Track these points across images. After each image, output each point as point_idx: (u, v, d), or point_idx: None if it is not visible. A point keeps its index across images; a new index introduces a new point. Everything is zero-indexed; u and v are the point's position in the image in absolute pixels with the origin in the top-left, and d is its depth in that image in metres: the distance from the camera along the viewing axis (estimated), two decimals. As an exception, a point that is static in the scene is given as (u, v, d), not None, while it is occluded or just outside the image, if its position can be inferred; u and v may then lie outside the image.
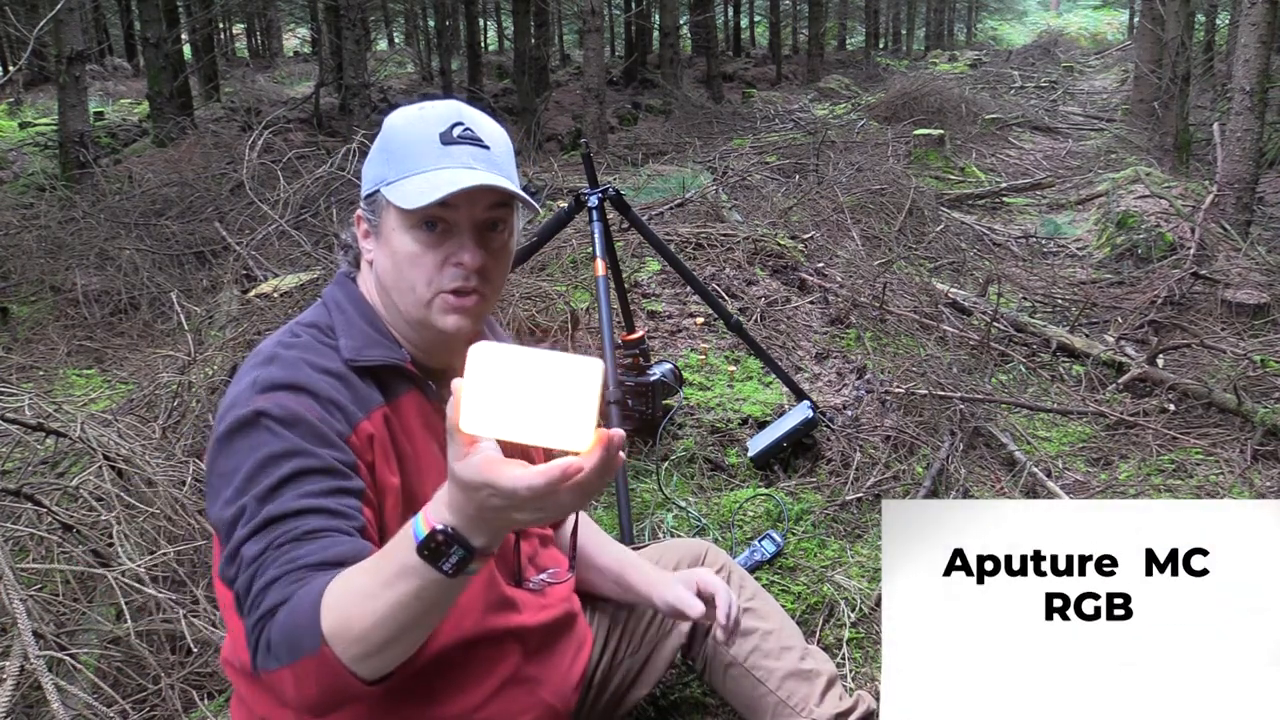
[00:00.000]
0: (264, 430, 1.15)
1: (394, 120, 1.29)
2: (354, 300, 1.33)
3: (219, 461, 1.17)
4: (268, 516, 1.10)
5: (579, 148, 2.88)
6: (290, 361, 1.22)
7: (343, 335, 1.28)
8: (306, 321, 1.31)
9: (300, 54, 27.26)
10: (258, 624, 1.05)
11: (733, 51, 24.73)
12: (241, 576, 1.09)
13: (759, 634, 1.69)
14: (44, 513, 2.16)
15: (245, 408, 1.17)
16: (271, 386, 1.19)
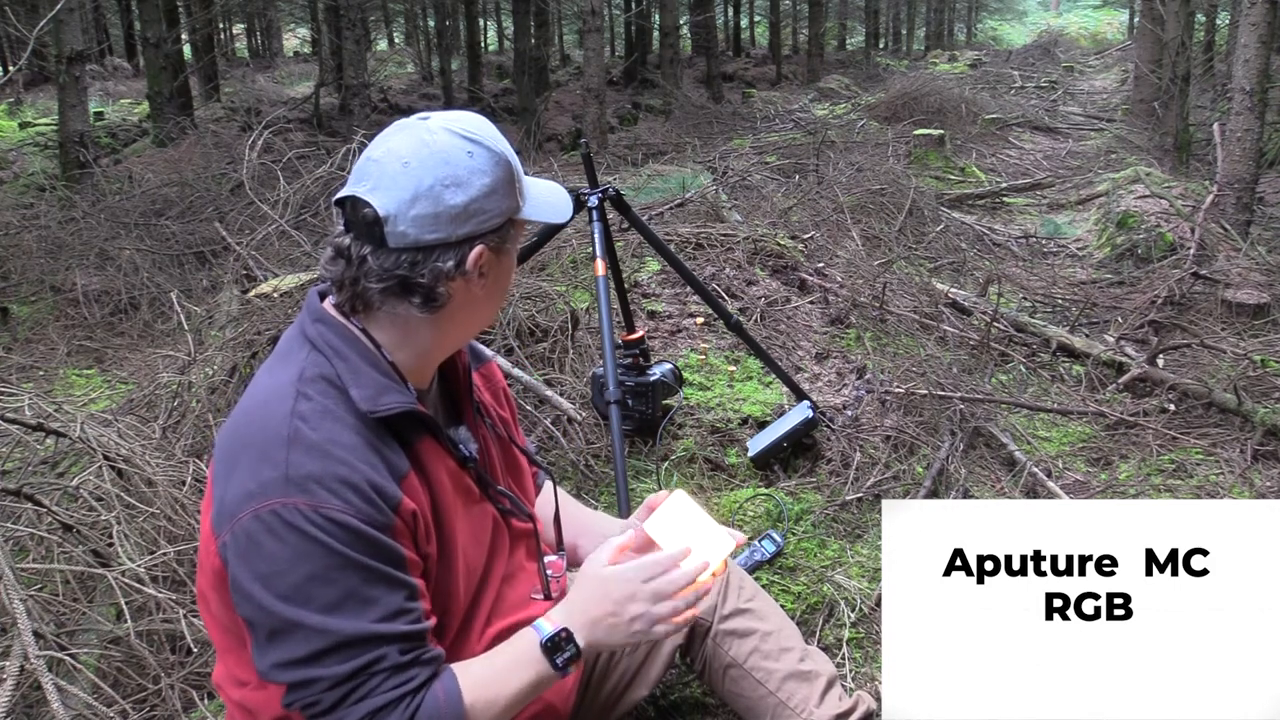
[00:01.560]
0: (311, 539, 1.13)
1: (496, 142, 1.26)
2: (350, 341, 1.25)
3: (256, 549, 1.14)
4: (340, 640, 1.14)
5: (579, 148, 2.88)
6: (318, 444, 1.16)
7: (352, 385, 1.21)
8: (309, 376, 1.22)
9: (300, 54, 27.26)
10: None
11: (733, 51, 24.73)
12: (322, 692, 1.15)
13: (758, 635, 1.68)
14: (44, 513, 2.16)
15: (286, 505, 1.13)
16: (312, 481, 1.14)
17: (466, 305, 1.27)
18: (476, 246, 1.23)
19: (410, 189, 1.19)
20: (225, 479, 1.19)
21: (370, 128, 8.67)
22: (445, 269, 1.21)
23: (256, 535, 1.13)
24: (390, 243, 1.20)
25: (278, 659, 1.15)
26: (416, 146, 1.21)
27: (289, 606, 1.13)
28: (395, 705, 1.16)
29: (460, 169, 1.21)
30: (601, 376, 2.70)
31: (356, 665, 1.15)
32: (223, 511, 1.17)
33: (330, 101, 12.65)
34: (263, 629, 1.15)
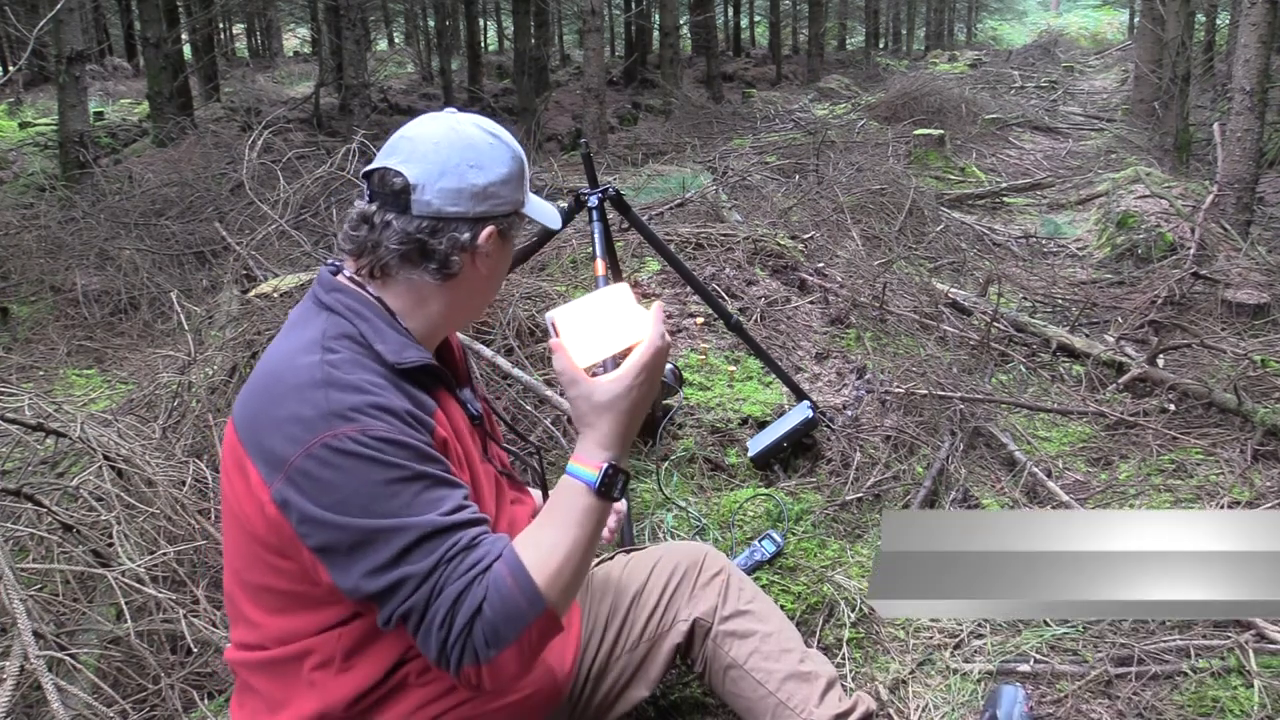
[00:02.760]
0: (369, 460, 1.19)
1: (512, 140, 1.39)
2: (369, 305, 1.34)
3: (318, 483, 1.19)
4: (423, 532, 1.19)
5: (579, 148, 2.88)
6: (353, 382, 1.23)
7: (377, 341, 1.29)
8: (332, 335, 1.29)
9: (300, 54, 27.26)
10: (465, 628, 1.17)
11: (733, 51, 24.73)
12: (414, 593, 1.18)
13: (759, 636, 1.69)
14: (44, 513, 2.16)
15: (336, 435, 1.19)
16: (355, 411, 1.21)
17: (471, 282, 1.38)
18: (489, 226, 1.35)
19: (439, 164, 1.32)
20: (263, 435, 1.23)
21: (370, 128, 8.67)
22: (461, 239, 1.33)
23: (314, 471, 1.19)
24: (414, 210, 1.31)
25: (365, 568, 1.19)
26: (446, 131, 1.35)
27: (365, 519, 1.18)
28: (469, 590, 1.18)
29: (483, 155, 1.35)
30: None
31: (437, 557, 1.19)
32: (271, 461, 1.22)
33: (330, 101, 12.65)
34: (342, 547, 1.19)
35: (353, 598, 1.21)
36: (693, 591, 1.72)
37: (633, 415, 1.30)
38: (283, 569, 1.28)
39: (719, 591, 1.72)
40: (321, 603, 1.28)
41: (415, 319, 1.36)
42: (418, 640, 1.20)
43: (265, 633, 1.34)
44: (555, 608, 1.22)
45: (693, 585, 1.73)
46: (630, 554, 1.84)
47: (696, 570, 1.75)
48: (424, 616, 1.18)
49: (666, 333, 1.33)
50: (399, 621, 1.20)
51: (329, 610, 1.29)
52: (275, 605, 1.32)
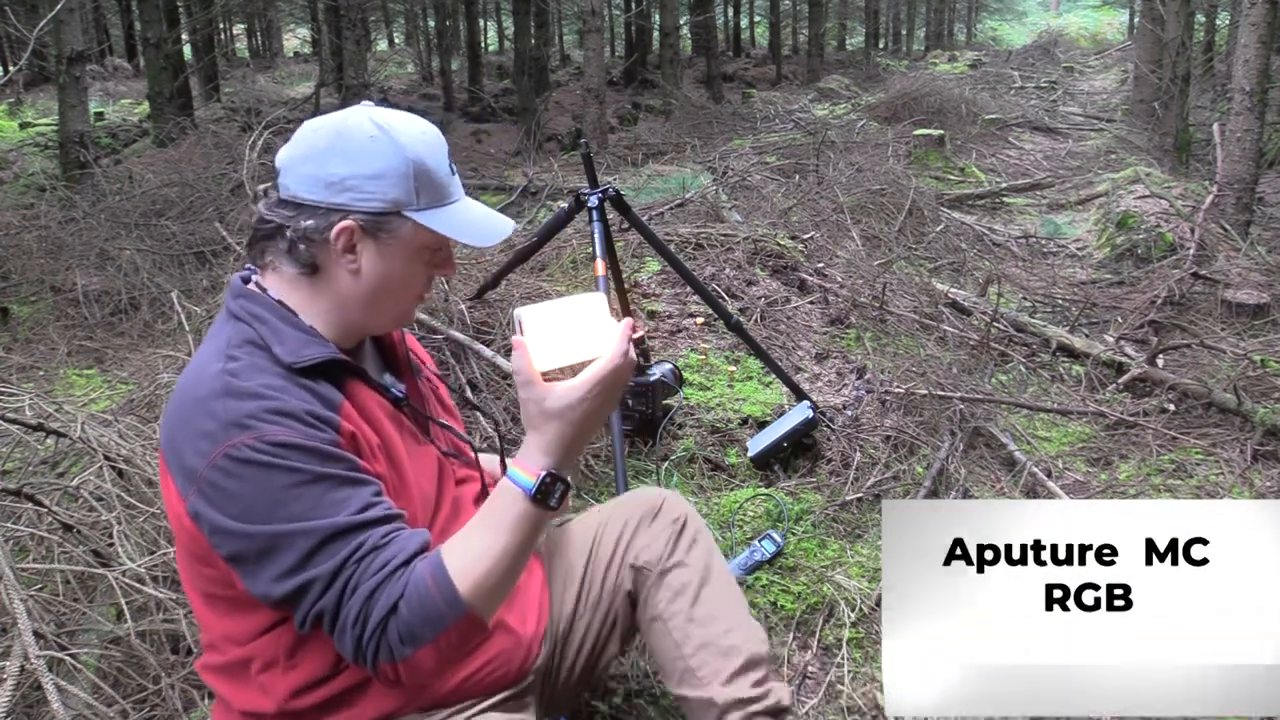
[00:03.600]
0: (267, 466, 1.17)
1: (412, 142, 1.30)
2: (268, 307, 1.31)
3: (222, 493, 1.18)
4: (326, 533, 1.17)
5: (579, 148, 2.88)
6: (249, 389, 1.21)
7: (275, 343, 1.27)
8: (234, 343, 1.27)
9: (300, 54, 27.26)
10: (379, 625, 1.16)
11: (733, 51, 24.73)
12: (322, 595, 1.17)
13: (690, 594, 1.62)
14: (44, 513, 2.16)
15: (235, 445, 1.17)
16: (251, 418, 1.19)
17: (340, 280, 1.31)
18: (343, 221, 1.28)
19: (305, 149, 1.29)
20: (177, 449, 1.22)
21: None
22: (306, 227, 1.28)
23: (219, 481, 1.18)
24: (280, 194, 1.31)
25: (272, 573, 1.18)
26: (333, 120, 1.31)
27: (268, 525, 1.17)
28: (383, 587, 1.17)
29: (353, 145, 1.28)
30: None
31: (343, 557, 1.17)
32: (183, 475, 1.21)
33: (330, 101, 12.64)
34: (250, 555, 1.18)
35: (266, 603, 1.21)
36: (641, 536, 1.68)
37: (581, 427, 1.24)
38: (212, 576, 1.28)
39: (669, 539, 1.67)
40: (255, 606, 1.27)
41: (314, 317, 1.33)
42: (335, 641, 1.19)
43: (215, 636, 1.35)
44: (477, 612, 1.19)
45: (644, 530, 1.68)
46: (595, 509, 1.82)
47: (652, 516, 1.70)
48: (337, 616, 1.18)
49: (632, 350, 1.26)
50: (314, 623, 1.19)
51: (265, 612, 1.28)
52: (218, 610, 1.32)
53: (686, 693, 1.58)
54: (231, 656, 1.33)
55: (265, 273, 1.34)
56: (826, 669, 2.21)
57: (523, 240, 3.54)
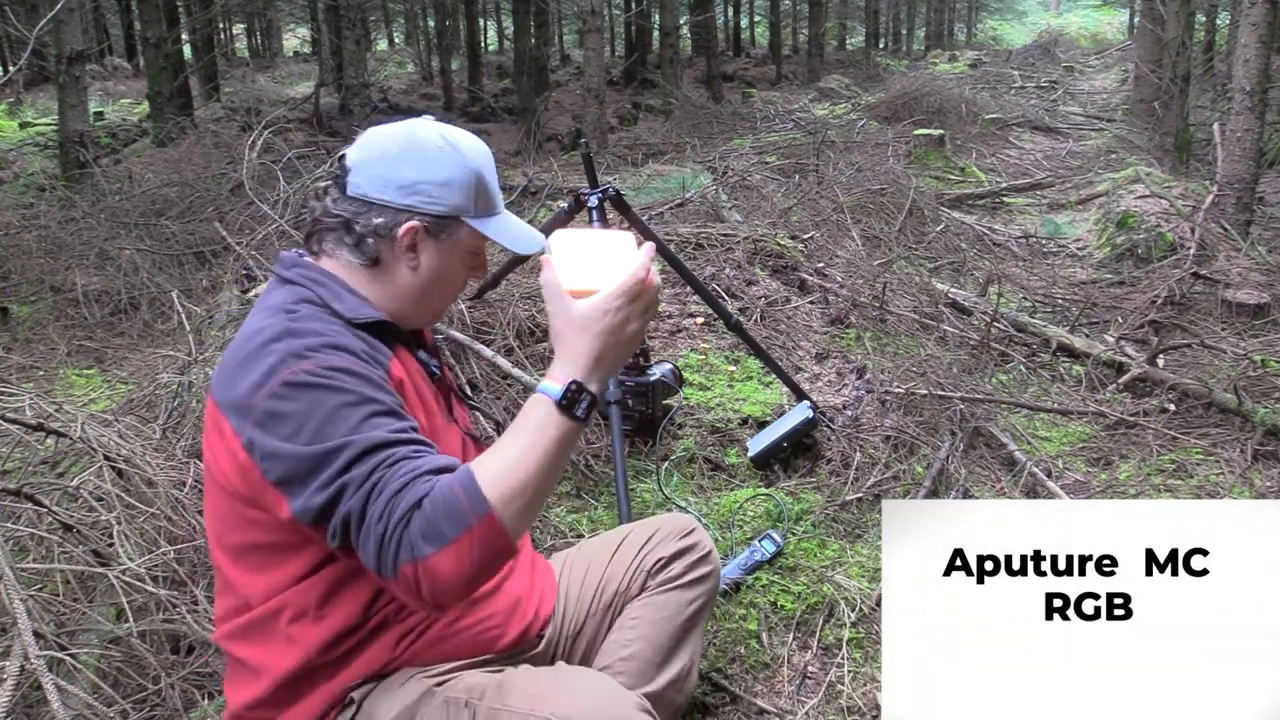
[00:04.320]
0: (322, 388, 1.24)
1: (474, 155, 1.44)
2: (328, 276, 1.41)
3: (278, 418, 1.24)
4: (365, 446, 1.22)
5: (579, 148, 2.88)
6: (310, 329, 1.31)
7: (333, 301, 1.37)
8: (292, 302, 1.37)
9: (300, 54, 27.26)
10: (402, 520, 1.17)
11: (733, 51, 24.73)
12: (352, 496, 1.19)
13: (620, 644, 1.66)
14: (44, 513, 2.16)
15: (294, 371, 1.25)
16: (310, 350, 1.27)
17: (399, 275, 1.43)
18: (410, 221, 1.39)
19: (378, 151, 1.41)
20: (233, 391, 1.28)
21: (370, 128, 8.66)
22: (375, 224, 1.39)
23: (274, 407, 1.24)
24: (348, 190, 1.40)
25: (314, 486, 1.22)
26: (403, 129, 1.43)
27: (316, 443, 1.22)
28: (409, 486, 1.19)
29: (424, 153, 1.40)
30: (601, 376, 2.70)
31: (375, 462, 1.21)
32: (238, 411, 1.27)
33: (330, 101, 12.64)
34: (299, 474, 1.22)
35: (304, 520, 1.23)
36: (658, 549, 1.73)
37: (607, 340, 1.25)
38: (256, 520, 1.32)
39: (681, 559, 1.73)
40: (292, 551, 1.33)
41: (368, 291, 1.43)
42: (359, 546, 1.20)
43: (244, 593, 1.39)
44: (499, 517, 1.17)
45: (666, 543, 1.74)
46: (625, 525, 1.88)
47: (675, 539, 1.75)
48: (364, 516, 1.19)
49: (655, 273, 1.29)
50: (342, 531, 1.21)
51: (300, 559, 1.34)
52: (252, 563, 1.37)
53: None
54: (261, 611, 1.37)
55: (320, 258, 1.44)
56: (826, 669, 2.21)
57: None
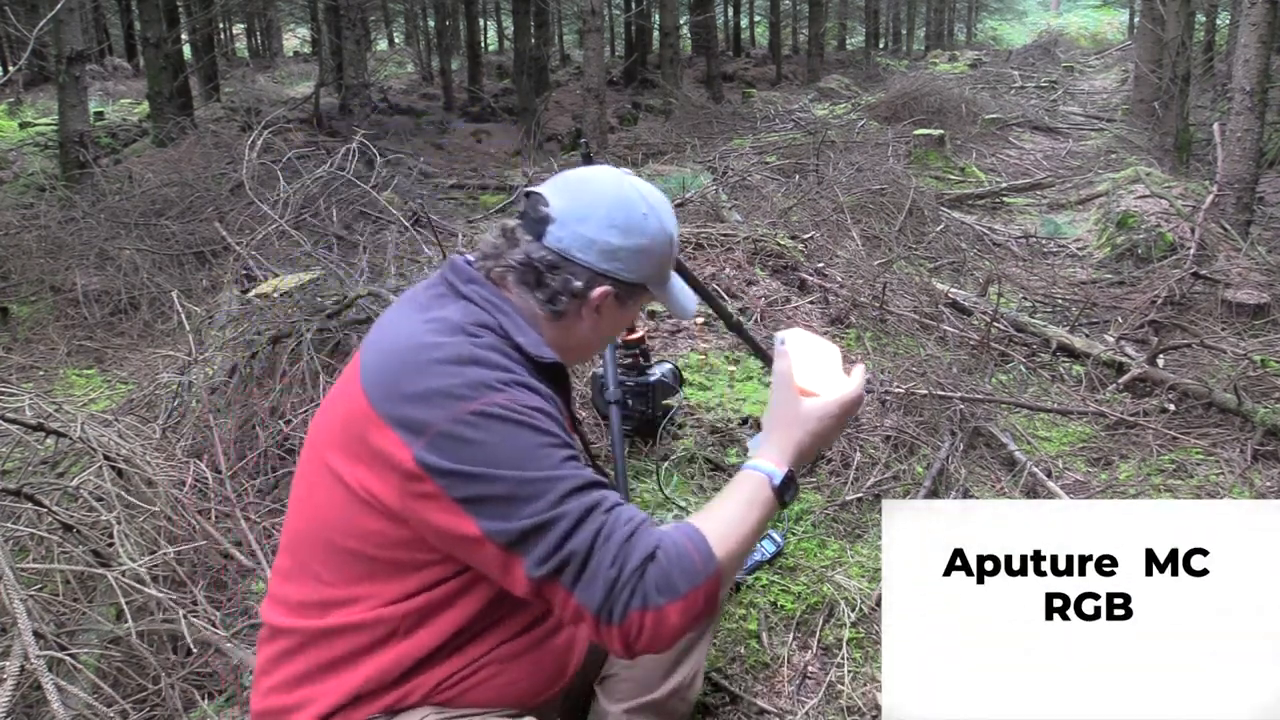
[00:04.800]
0: (520, 424, 1.24)
1: (669, 221, 1.46)
2: (507, 303, 1.39)
3: (464, 443, 1.22)
4: (578, 484, 1.23)
5: (579, 148, 2.88)
6: (498, 362, 1.29)
7: (517, 334, 1.35)
8: (473, 323, 1.34)
9: (300, 54, 27.26)
10: (637, 570, 1.20)
11: (733, 51, 24.72)
12: (573, 533, 1.20)
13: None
14: (44, 513, 2.16)
15: (487, 403, 1.23)
16: (503, 384, 1.26)
17: (576, 329, 1.43)
18: (605, 285, 1.40)
19: (584, 210, 1.38)
20: (404, 404, 1.25)
21: (370, 128, 8.66)
22: (574, 286, 1.38)
23: (460, 432, 1.22)
24: (546, 240, 1.38)
25: (519, 512, 1.21)
26: (609, 184, 1.42)
27: (517, 471, 1.22)
28: (637, 536, 1.21)
29: (629, 219, 1.40)
30: (601, 377, 2.70)
31: (590, 503, 1.23)
32: (410, 427, 1.24)
33: (330, 101, 12.65)
34: (493, 497, 1.22)
35: (498, 540, 1.22)
36: None
37: (818, 440, 1.38)
38: (388, 535, 1.29)
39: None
40: (406, 570, 1.31)
41: (536, 328, 1.43)
42: (576, 585, 1.20)
43: (333, 596, 1.35)
44: (724, 574, 1.24)
45: None
46: None
47: None
48: (588, 558, 1.20)
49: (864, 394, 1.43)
50: (557, 565, 1.20)
51: (409, 579, 1.32)
52: (357, 571, 1.33)
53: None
54: (342, 619, 1.33)
55: (502, 288, 1.40)
56: (826, 669, 2.21)
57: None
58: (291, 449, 2.82)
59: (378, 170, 6.05)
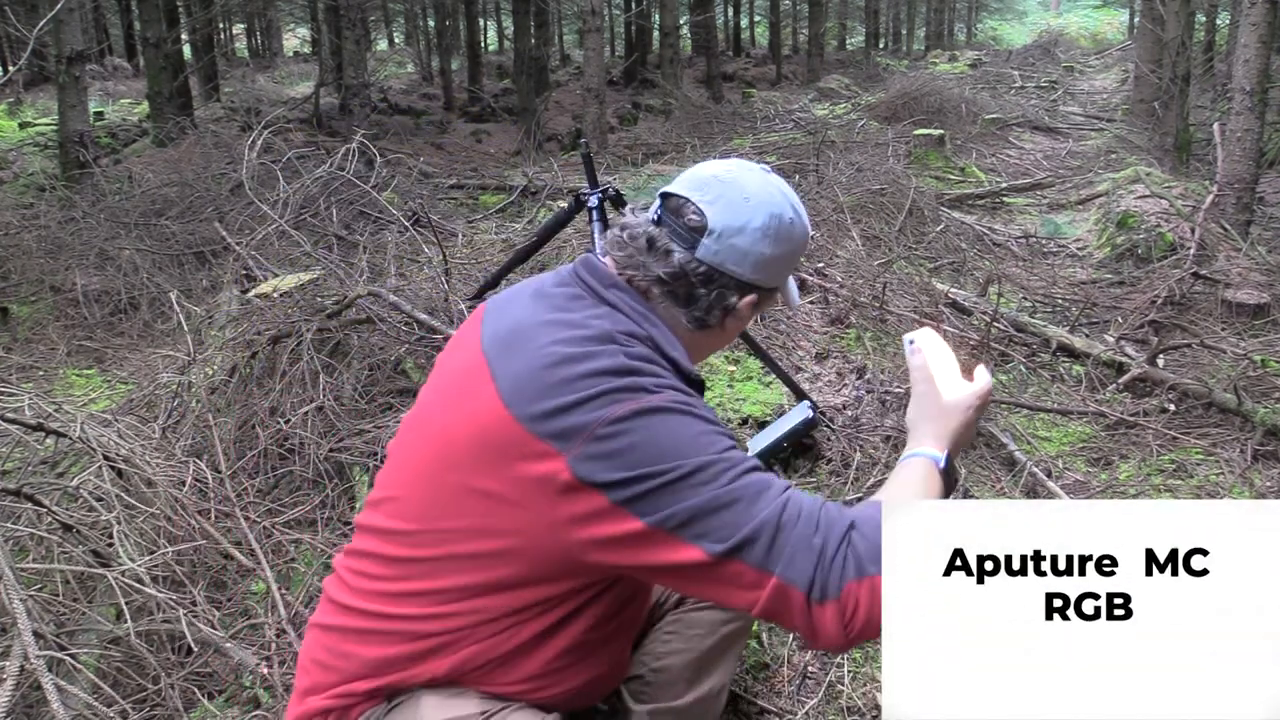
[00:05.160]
0: (682, 415, 1.21)
1: (809, 227, 1.45)
2: (653, 313, 1.36)
3: (626, 448, 1.16)
4: (749, 464, 1.21)
5: (579, 148, 2.88)
6: (652, 370, 1.26)
7: (669, 348, 1.33)
8: (623, 332, 1.29)
9: (300, 54, 27.25)
10: (843, 538, 1.18)
11: (733, 51, 24.72)
12: (760, 508, 1.16)
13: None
14: (44, 513, 2.16)
15: (648, 401, 1.20)
16: (659, 386, 1.23)
17: (715, 337, 1.42)
18: (751, 295, 1.39)
19: (742, 220, 1.34)
20: (550, 413, 1.19)
21: (370, 128, 8.67)
22: (728, 300, 1.37)
23: (618, 432, 1.17)
24: (699, 252, 1.34)
25: (700, 495, 1.16)
26: (758, 189, 1.37)
27: (687, 457, 1.17)
28: (826, 509, 1.20)
29: (780, 229, 1.37)
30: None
31: (762, 481, 1.20)
32: (560, 434, 1.18)
33: (330, 101, 12.64)
34: (666, 487, 1.16)
35: (668, 526, 1.15)
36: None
37: (965, 428, 1.40)
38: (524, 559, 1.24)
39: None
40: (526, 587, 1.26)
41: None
42: (773, 563, 1.15)
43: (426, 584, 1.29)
44: None
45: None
46: None
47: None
48: (778, 531, 1.15)
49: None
50: (738, 543, 1.14)
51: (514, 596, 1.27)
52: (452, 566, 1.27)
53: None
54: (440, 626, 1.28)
55: (647, 297, 1.36)
56: (826, 669, 2.20)
57: (522, 240, 3.56)
58: (291, 449, 2.82)
59: (377, 170, 6.06)
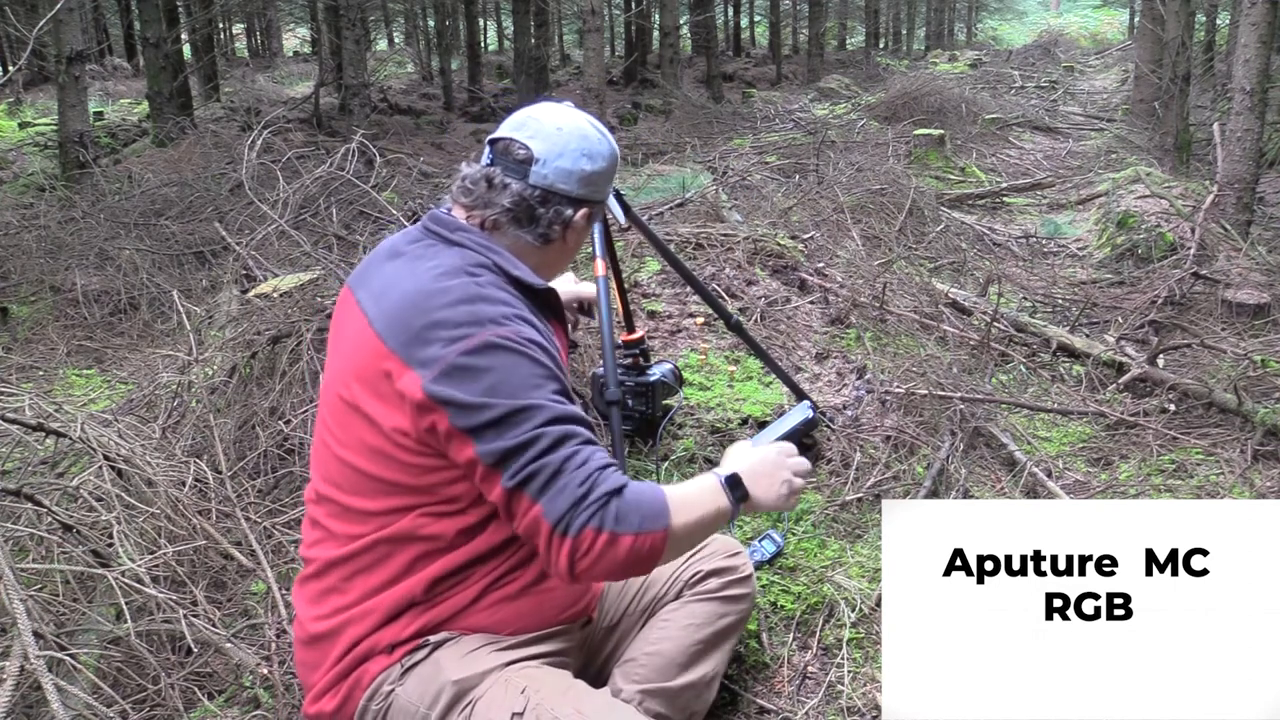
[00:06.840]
0: (519, 354, 1.39)
1: (616, 147, 1.65)
2: (497, 242, 1.55)
3: (471, 373, 1.37)
4: (560, 414, 1.38)
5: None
6: (499, 298, 1.45)
7: (513, 269, 1.52)
8: (470, 264, 1.48)
9: (300, 54, 27.26)
10: (604, 496, 1.34)
11: (733, 51, 24.73)
12: (549, 452, 1.35)
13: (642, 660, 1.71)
14: (44, 513, 2.16)
15: (493, 335, 1.39)
16: (505, 318, 1.42)
17: (558, 251, 1.62)
18: (585, 208, 1.59)
19: (560, 145, 1.55)
20: (416, 341, 1.40)
21: (370, 128, 8.66)
22: (565, 215, 1.57)
23: (468, 363, 1.37)
24: (531, 179, 1.54)
25: (506, 433, 1.35)
26: (567, 119, 1.58)
27: (514, 399, 1.36)
28: (609, 470, 1.36)
29: (593, 146, 1.59)
30: (601, 377, 2.70)
31: (568, 430, 1.37)
32: (425, 361, 1.39)
33: (330, 101, 12.64)
34: (490, 423, 1.35)
35: (486, 460, 1.35)
36: (703, 562, 1.79)
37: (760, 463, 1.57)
38: (415, 462, 1.43)
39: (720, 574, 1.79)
40: (439, 489, 1.45)
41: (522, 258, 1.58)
42: (539, 496, 1.33)
43: (373, 507, 1.48)
44: (670, 538, 1.39)
45: (711, 559, 1.80)
46: None
47: (719, 557, 1.80)
48: (559, 473, 1.34)
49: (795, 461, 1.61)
50: (525, 477, 1.33)
51: (451, 502, 1.46)
52: (375, 488, 1.47)
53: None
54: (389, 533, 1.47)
55: (493, 233, 1.55)
56: (826, 669, 2.20)
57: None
58: (291, 449, 2.82)
59: (377, 170, 6.05)
